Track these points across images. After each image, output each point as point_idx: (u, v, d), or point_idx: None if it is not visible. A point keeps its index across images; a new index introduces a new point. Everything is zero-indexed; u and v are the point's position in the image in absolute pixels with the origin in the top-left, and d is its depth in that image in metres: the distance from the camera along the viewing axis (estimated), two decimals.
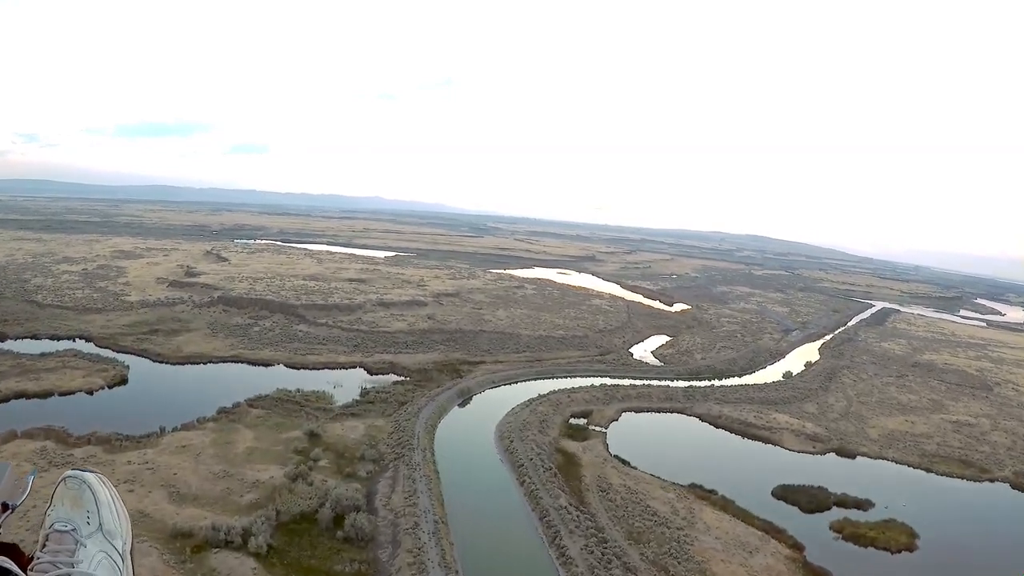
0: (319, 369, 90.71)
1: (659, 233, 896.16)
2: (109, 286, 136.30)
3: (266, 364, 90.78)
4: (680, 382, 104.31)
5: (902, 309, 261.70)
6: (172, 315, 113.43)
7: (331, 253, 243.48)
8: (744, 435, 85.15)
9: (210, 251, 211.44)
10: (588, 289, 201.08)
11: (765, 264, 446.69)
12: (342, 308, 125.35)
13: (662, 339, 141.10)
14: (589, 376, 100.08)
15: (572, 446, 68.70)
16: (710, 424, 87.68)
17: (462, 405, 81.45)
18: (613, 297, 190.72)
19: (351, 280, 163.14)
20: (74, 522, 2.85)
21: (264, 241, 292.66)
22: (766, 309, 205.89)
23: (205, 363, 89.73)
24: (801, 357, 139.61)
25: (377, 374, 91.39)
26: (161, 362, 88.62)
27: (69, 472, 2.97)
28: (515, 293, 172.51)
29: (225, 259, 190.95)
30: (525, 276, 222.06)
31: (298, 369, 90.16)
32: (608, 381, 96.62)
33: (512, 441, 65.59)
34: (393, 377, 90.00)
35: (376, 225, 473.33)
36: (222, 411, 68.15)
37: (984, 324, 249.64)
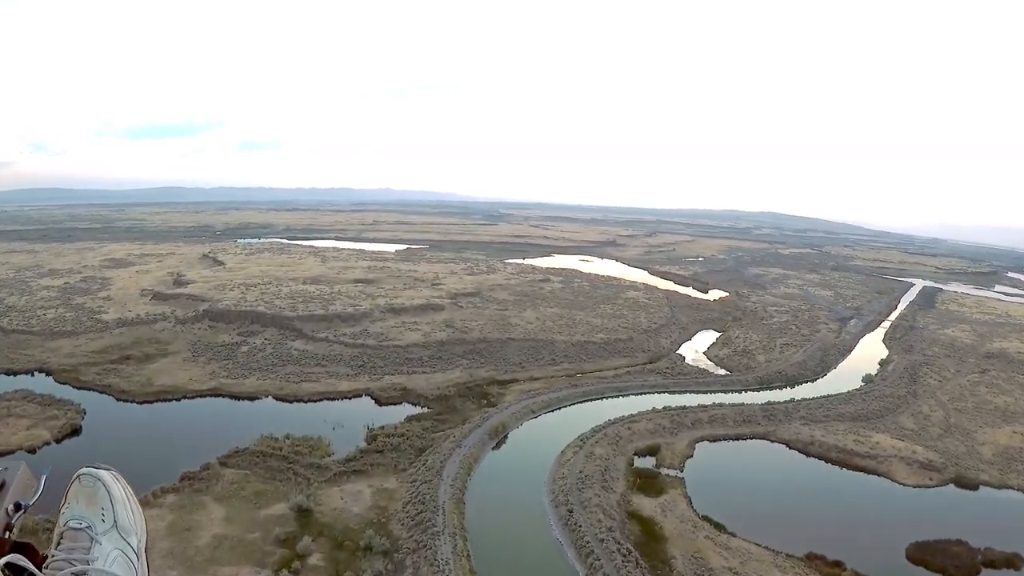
0: (315, 401, 74.14)
1: (673, 213, 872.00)
2: (87, 302, 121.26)
3: (251, 398, 74.59)
4: (751, 394, 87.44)
5: (944, 287, 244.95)
6: (150, 335, 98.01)
7: (338, 250, 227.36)
8: (845, 465, 69.50)
9: (207, 254, 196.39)
10: (619, 279, 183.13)
11: (787, 242, 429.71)
12: (345, 318, 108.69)
13: (711, 336, 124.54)
14: (644, 393, 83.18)
15: (647, 506, 51.93)
16: (800, 452, 71.38)
17: (497, 447, 64.17)
18: (648, 287, 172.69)
19: (357, 281, 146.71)
20: (89, 519, 2.81)
21: (268, 240, 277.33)
22: (810, 294, 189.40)
23: (179, 399, 73.62)
24: (870, 352, 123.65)
25: (387, 404, 74.75)
26: (126, 401, 72.82)
27: (83, 469, 2.92)
28: (541, 288, 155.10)
29: (221, 263, 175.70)
30: (548, 266, 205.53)
31: (290, 402, 73.70)
32: (669, 400, 79.55)
33: (571, 509, 48.72)
34: (407, 408, 73.33)
35: (386, 217, 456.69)
36: (187, 477, 52.12)
37: None
